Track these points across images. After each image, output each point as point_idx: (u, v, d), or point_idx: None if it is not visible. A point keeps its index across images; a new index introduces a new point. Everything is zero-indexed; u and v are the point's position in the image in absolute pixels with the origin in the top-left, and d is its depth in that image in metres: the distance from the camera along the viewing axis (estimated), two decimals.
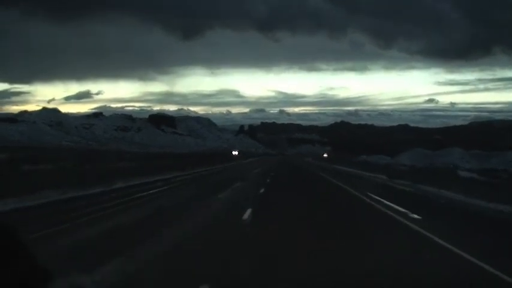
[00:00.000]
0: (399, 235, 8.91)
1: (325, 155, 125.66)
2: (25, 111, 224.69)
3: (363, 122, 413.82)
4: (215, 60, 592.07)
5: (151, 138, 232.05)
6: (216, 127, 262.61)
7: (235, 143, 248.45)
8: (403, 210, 12.48)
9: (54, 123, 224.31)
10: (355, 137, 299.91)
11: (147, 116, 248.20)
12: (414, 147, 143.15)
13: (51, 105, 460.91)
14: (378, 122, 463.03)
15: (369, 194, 17.24)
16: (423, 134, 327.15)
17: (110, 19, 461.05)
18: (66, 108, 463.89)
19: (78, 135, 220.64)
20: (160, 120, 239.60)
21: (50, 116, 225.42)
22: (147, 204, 13.64)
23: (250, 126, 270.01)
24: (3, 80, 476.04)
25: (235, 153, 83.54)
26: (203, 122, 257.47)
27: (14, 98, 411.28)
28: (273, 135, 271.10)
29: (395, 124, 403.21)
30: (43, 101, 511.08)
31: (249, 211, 11.23)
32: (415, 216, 11.30)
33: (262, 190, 17.88)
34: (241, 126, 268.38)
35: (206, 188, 19.41)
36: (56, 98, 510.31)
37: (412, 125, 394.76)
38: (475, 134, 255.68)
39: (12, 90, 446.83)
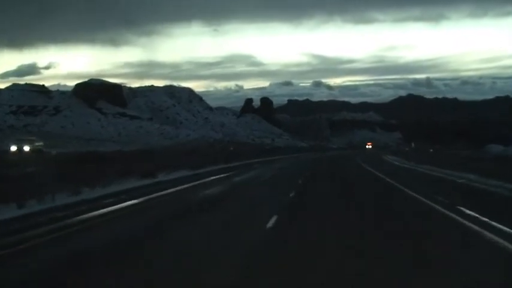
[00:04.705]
0: None
1: (368, 146, 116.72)
2: None
3: (440, 96, 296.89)
4: (218, 12, 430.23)
5: (78, 126, 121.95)
6: (203, 104, 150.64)
7: (238, 130, 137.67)
8: None
9: None
10: (433, 116, 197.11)
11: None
12: None
13: None
14: (462, 95, 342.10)
15: None
16: None
17: None
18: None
19: None
20: (96, 93, 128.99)
21: None
22: None
23: (264, 100, 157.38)
24: None
25: None
26: (180, 96, 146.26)
27: None
28: (305, 117, 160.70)
29: (490, 96, 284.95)
30: None
31: None
32: None
33: None
34: (248, 101, 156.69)
35: None
36: None
37: None
38: None
39: None
